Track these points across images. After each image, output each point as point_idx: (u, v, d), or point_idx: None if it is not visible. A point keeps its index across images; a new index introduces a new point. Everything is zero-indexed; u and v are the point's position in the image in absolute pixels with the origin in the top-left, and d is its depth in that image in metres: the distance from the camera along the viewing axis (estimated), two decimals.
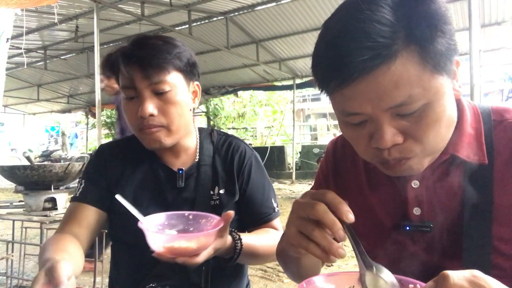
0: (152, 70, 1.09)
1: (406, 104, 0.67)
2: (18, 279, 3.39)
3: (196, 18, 8.13)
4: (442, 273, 0.58)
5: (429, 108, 0.69)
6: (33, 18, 7.80)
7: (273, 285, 3.71)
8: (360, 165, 0.94)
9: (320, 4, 7.57)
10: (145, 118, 1.10)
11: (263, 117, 16.99)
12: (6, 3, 3.04)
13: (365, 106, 0.69)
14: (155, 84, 1.10)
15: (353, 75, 0.66)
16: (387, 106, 0.68)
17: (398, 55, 0.65)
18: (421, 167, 0.76)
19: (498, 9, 7.23)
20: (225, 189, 1.25)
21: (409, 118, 0.69)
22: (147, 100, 1.10)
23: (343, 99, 0.71)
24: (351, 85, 0.68)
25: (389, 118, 0.70)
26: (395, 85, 0.66)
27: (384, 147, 0.71)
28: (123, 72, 1.11)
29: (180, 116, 1.15)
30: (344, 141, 1.01)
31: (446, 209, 0.81)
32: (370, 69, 0.65)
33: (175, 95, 1.13)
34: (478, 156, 0.79)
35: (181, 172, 1.23)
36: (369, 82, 0.66)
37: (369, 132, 0.73)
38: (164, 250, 0.91)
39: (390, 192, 0.88)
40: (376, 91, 0.67)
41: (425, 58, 0.66)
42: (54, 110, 16.69)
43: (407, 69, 0.65)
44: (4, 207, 3.16)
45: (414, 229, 0.83)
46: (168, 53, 1.12)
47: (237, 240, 1.09)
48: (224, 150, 1.31)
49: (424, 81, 0.67)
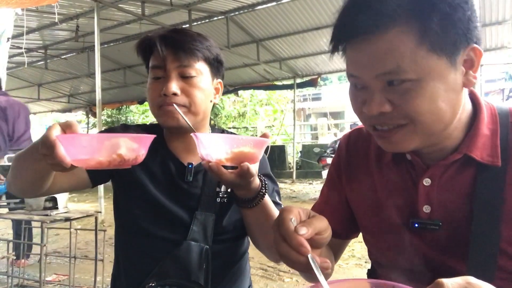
0: (183, 53, 1.16)
1: (394, 73, 0.71)
2: (18, 278, 3.39)
3: (197, 18, 8.14)
4: (437, 280, 0.58)
5: (419, 85, 0.71)
6: (33, 17, 7.80)
7: (273, 285, 3.71)
8: (372, 161, 0.95)
9: (321, 4, 7.58)
10: (168, 95, 1.14)
11: (263, 116, 17.01)
12: (7, 2, 3.04)
13: (361, 70, 0.75)
14: (184, 67, 1.17)
15: (354, 36, 0.73)
16: (377, 72, 0.72)
17: (396, 25, 0.69)
18: (410, 143, 0.77)
19: (499, 8, 7.23)
20: None
21: (399, 90, 0.72)
22: (173, 80, 1.16)
23: (348, 61, 0.78)
24: (354, 46, 0.75)
25: (380, 87, 0.74)
26: (387, 52, 0.70)
27: (370, 113, 0.75)
28: (156, 52, 1.17)
29: (201, 101, 1.19)
30: (357, 137, 1.02)
31: (456, 209, 0.81)
32: (368, 32, 0.71)
33: (199, 82, 1.19)
34: (492, 158, 0.78)
35: (190, 167, 1.24)
36: (366, 46, 0.72)
37: (363, 98, 0.77)
38: (231, 155, 0.89)
39: (400, 189, 0.88)
40: (370, 55, 0.72)
41: (423, 35, 0.69)
42: (54, 110, 16.70)
43: (401, 40, 0.70)
44: (4, 206, 3.16)
45: (422, 227, 0.83)
46: (200, 43, 1.19)
47: (264, 182, 1.09)
48: None
49: (417, 56, 0.70)
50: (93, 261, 2.98)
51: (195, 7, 7.60)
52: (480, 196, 0.78)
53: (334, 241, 1.02)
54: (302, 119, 21.61)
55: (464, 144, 0.80)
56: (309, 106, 22.66)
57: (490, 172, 0.78)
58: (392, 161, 0.90)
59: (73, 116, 17.53)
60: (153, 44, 1.18)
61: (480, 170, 0.79)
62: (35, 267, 3.94)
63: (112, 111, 16.43)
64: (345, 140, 1.05)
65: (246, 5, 7.70)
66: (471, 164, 0.80)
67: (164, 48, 1.16)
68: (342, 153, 1.03)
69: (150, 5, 7.36)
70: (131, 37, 9.10)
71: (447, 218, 0.82)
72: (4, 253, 3.38)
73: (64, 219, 2.76)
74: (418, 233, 0.85)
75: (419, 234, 0.85)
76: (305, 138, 18.32)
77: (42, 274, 2.73)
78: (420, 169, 0.85)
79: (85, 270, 3.90)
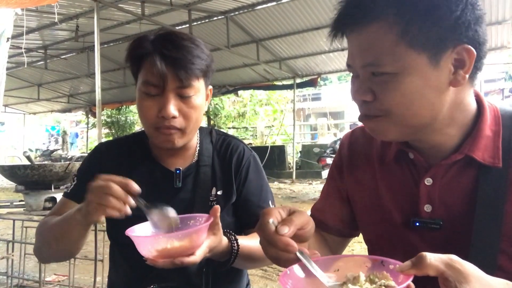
0: (185, 74, 1.09)
1: (374, 65, 0.75)
2: (18, 278, 3.39)
3: (197, 18, 8.14)
4: (420, 253, 0.60)
5: (396, 78, 0.74)
6: (33, 17, 7.80)
7: (273, 285, 3.71)
8: (375, 160, 0.95)
9: (321, 4, 7.57)
10: (168, 119, 1.10)
11: (263, 116, 16.99)
12: (7, 2, 3.04)
13: (352, 59, 0.80)
14: (184, 88, 1.11)
15: (347, 28, 0.79)
16: (361, 63, 0.78)
17: (380, 20, 0.73)
18: (389, 133, 0.81)
19: (499, 8, 7.22)
20: (222, 190, 1.24)
21: (379, 80, 0.76)
22: (172, 101, 1.10)
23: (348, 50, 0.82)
24: (348, 36, 0.80)
25: (366, 76, 0.78)
26: (368, 46, 0.75)
27: (354, 100, 0.81)
28: (154, 69, 1.08)
29: (196, 121, 1.17)
30: (359, 135, 1.02)
31: (457, 208, 0.81)
32: (355, 25, 0.77)
33: (196, 99, 1.14)
34: (493, 159, 0.79)
35: (178, 172, 1.21)
36: (354, 38, 0.78)
37: (355, 86, 0.81)
38: (157, 254, 0.88)
39: (402, 188, 0.89)
40: (357, 47, 0.78)
41: (403, 32, 0.72)
42: (54, 110, 16.70)
43: (381, 35, 0.74)
44: (4, 206, 3.16)
45: (423, 226, 0.84)
46: (198, 58, 1.12)
47: (233, 241, 1.08)
48: (223, 150, 1.30)
49: (396, 51, 0.73)
50: (93, 261, 2.98)
51: (195, 7, 7.59)
52: (481, 197, 0.78)
53: (335, 239, 1.03)
54: (302, 119, 21.61)
55: (466, 144, 0.81)
56: (309, 106, 22.66)
57: (492, 173, 0.79)
58: (394, 160, 0.90)
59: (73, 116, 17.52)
60: (149, 57, 1.10)
61: (481, 171, 0.80)
62: (34, 267, 3.93)
63: (112, 111, 16.41)
64: (347, 138, 1.05)
65: (246, 5, 7.69)
66: (472, 164, 0.81)
67: (162, 68, 1.08)
68: (344, 152, 1.03)
69: (150, 5, 7.35)
70: (131, 37, 9.09)
71: (448, 217, 0.82)
72: (4, 253, 3.37)
73: None
74: (419, 232, 0.85)
75: (420, 233, 0.85)
76: (305, 138, 18.32)
77: (41, 274, 2.73)
78: (422, 169, 0.86)
79: (85, 270, 3.89)
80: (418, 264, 0.60)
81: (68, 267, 3.04)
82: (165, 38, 1.13)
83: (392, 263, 0.67)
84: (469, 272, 0.59)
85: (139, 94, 1.15)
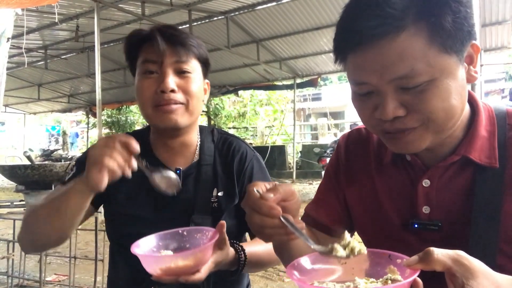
0: (181, 48, 1.14)
1: (409, 77, 0.70)
2: (19, 278, 3.40)
3: (197, 18, 8.14)
4: (427, 248, 0.60)
5: (433, 84, 0.71)
6: (33, 17, 7.80)
7: (273, 285, 3.71)
8: (372, 162, 0.95)
9: (321, 4, 7.58)
10: (166, 92, 1.10)
11: (263, 116, 16.98)
12: (7, 3, 3.04)
13: (371, 76, 0.73)
14: (181, 63, 1.14)
15: (362, 41, 0.71)
16: (390, 78, 0.71)
17: (406, 28, 0.68)
18: (423, 143, 0.76)
19: (499, 8, 7.23)
20: (224, 191, 1.22)
21: (412, 92, 0.72)
22: (170, 75, 1.12)
23: (353, 68, 0.76)
24: (361, 52, 0.72)
25: (392, 91, 0.73)
26: (399, 57, 0.69)
27: (386, 118, 0.74)
28: (152, 46, 1.12)
29: (197, 98, 1.17)
30: (356, 137, 1.01)
31: (455, 209, 0.81)
32: (376, 37, 0.69)
33: (194, 79, 1.16)
34: (490, 159, 0.79)
35: (178, 172, 1.19)
36: (375, 52, 0.71)
37: (374, 103, 0.76)
38: (161, 272, 0.88)
39: (400, 190, 0.88)
40: (381, 61, 0.71)
41: (433, 35, 0.69)
42: (54, 110, 16.71)
43: (412, 43, 0.69)
44: (5, 206, 3.16)
45: (422, 227, 0.84)
46: (195, 41, 1.19)
47: (240, 251, 1.08)
48: (225, 150, 1.28)
49: (430, 57, 0.69)
50: (93, 261, 2.98)
51: (195, 7, 7.59)
52: (478, 197, 0.78)
53: (327, 238, 1.01)
54: (302, 119, 21.60)
55: (462, 145, 0.81)
56: (309, 106, 22.65)
57: (488, 173, 0.79)
58: (392, 162, 0.90)
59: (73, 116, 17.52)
60: (150, 37, 1.14)
61: (478, 171, 0.80)
62: (35, 267, 3.94)
63: (112, 111, 16.40)
64: (344, 140, 1.04)
65: (246, 5, 7.70)
66: (469, 165, 0.81)
67: (160, 42, 1.12)
68: (341, 153, 1.03)
69: (150, 5, 7.35)
70: None
71: (446, 218, 0.82)
72: (4, 253, 3.38)
73: None
74: (417, 234, 0.85)
75: (418, 235, 0.85)
76: (305, 138, 18.31)
77: (42, 274, 2.73)
78: (419, 170, 0.86)
79: (85, 270, 3.90)
80: (425, 259, 0.60)
81: (68, 267, 3.05)
82: (164, 25, 1.20)
83: (399, 257, 0.67)
84: (477, 268, 0.59)
85: (138, 77, 1.17)
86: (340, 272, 0.73)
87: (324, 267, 0.73)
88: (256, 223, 0.73)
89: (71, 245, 3.06)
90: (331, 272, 0.73)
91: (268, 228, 0.73)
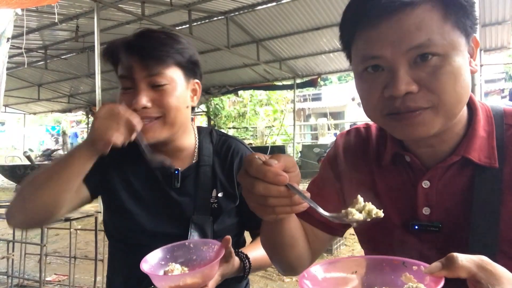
0: (151, 61, 1.07)
1: (425, 46, 0.71)
2: (18, 278, 3.40)
3: (197, 18, 8.14)
4: (450, 254, 0.59)
5: (445, 60, 0.72)
6: (33, 18, 7.80)
7: (273, 285, 3.71)
8: (372, 162, 0.93)
9: (321, 4, 7.58)
10: (138, 110, 1.06)
11: (263, 116, 16.99)
12: (7, 3, 3.04)
13: (386, 48, 0.73)
14: (153, 76, 1.08)
15: (379, 13, 0.71)
16: (406, 48, 0.72)
17: (423, 2, 0.71)
18: (432, 126, 0.75)
19: (499, 8, 7.23)
20: (223, 192, 1.22)
21: (425, 68, 0.72)
22: (142, 91, 1.08)
23: (365, 43, 0.76)
24: (375, 25, 0.73)
25: (406, 66, 0.73)
26: (417, 27, 0.71)
27: (397, 94, 0.72)
28: (122, 61, 1.10)
29: (176, 110, 1.11)
30: (355, 137, 1.00)
31: (455, 210, 0.81)
32: (395, 10, 0.71)
33: (172, 90, 1.10)
34: (489, 159, 0.79)
35: (176, 173, 1.19)
36: (392, 24, 0.72)
37: (384, 81, 0.75)
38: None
39: (400, 191, 0.88)
40: (398, 32, 0.72)
41: (448, 12, 0.72)
42: (54, 110, 16.71)
43: (430, 15, 0.71)
44: (4, 206, 3.16)
45: (422, 229, 0.83)
46: (170, 47, 1.10)
47: (244, 259, 1.09)
48: (224, 152, 1.26)
49: (444, 31, 0.71)
50: (93, 261, 2.98)
51: (195, 7, 7.59)
52: (478, 198, 0.78)
53: (322, 236, 0.99)
54: (302, 119, 21.60)
55: (461, 146, 0.81)
56: (309, 106, 22.65)
57: (488, 173, 0.78)
58: (391, 163, 0.89)
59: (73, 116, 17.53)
60: (118, 52, 1.11)
61: (477, 172, 0.79)
62: (35, 267, 3.94)
63: None
64: (343, 138, 1.02)
65: (246, 5, 7.70)
66: (469, 165, 0.81)
67: (129, 58, 1.08)
68: (339, 151, 1.00)
69: (150, 5, 7.35)
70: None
71: (446, 219, 0.82)
72: (4, 253, 3.38)
73: (64, 219, 2.77)
74: (418, 235, 0.84)
75: (419, 236, 0.84)
76: (305, 138, 18.31)
77: (42, 274, 2.73)
78: (419, 171, 0.85)
79: (85, 270, 3.90)
80: (449, 265, 0.59)
81: (68, 267, 3.05)
82: (137, 34, 1.13)
83: (415, 264, 0.65)
84: (501, 274, 0.58)
85: (119, 90, 1.15)
86: (355, 281, 0.70)
87: (337, 276, 0.70)
88: (259, 192, 0.67)
89: (71, 245, 3.06)
90: (345, 282, 0.70)
91: (273, 197, 0.67)
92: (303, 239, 0.93)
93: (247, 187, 0.69)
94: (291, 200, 0.68)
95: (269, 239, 0.93)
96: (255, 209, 0.71)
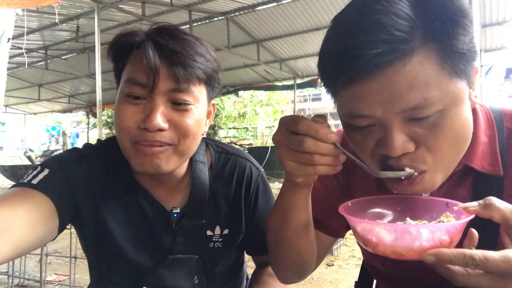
0: (183, 72, 0.84)
1: (421, 108, 0.61)
2: (19, 278, 3.40)
3: (197, 18, 8.14)
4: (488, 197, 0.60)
5: (445, 115, 0.63)
6: (34, 18, 7.80)
7: None
8: None
9: (321, 4, 7.58)
10: (151, 132, 0.83)
11: (263, 117, 17.00)
12: (7, 3, 3.05)
13: (374, 108, 0.63)
14: (179, 92, 0.85)
15: (365, 70, 0.60)
16: (399, 109, 0.62)
17: (415, 52, 0.60)
18: (433, 184, 0.69)
19: (499, 9, 7.23)
20: (229, 229, 1.05)
21: (423, 124, 0.64)
22: (162, 108, 0.84)
23: (350, 99, 0.66)
24: (361, 82, 0.62)
25: (400, 123, 0.64)
26: (410, 86, 0.60)
27: (393, 155, 0.64)
28: (144, 60, 0.82)
29: (193, 137, 0.89)
30: None
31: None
32: (384, 64, 0.60)
33: (194, 111, 0.88)
34: (493, 167, 0.75)
35: (175, 216, 0.98)
36: (381, 81, 0.61)
37: (376, 138, 0.67)
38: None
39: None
40: (389, 91, 0.61)
41: (444, 58, 0.61)
42: (55, 110, 16.72)
43: (424, 69, 0.60)
44: None
45: None
46: (205, 58, 0.88)
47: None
48: (226, 175, 1.06)
49: (442, 84, 0.61)
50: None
51: (195, 7, 7.60)
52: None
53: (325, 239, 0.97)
54: None
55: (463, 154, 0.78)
56: (309, 106, 22.64)
57: (488, 180, 0.76)
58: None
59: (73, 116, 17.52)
60: (139, 48, 0.86)
61: (479, 180, 0.77)
62: (35, 267, 3.94)
63: (112, 111, 16.42)
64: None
65: (247, 5, 7.70)
66: (470, 173, 0.78)
67: (154, 61, 0.82)
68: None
69: (151, 5, 7.36)
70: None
71: None
72: None
73: None
74: None
75: None
76: None
77: (42, 274, 2.73)
78: None
79: (85, 270, 3.89)
80: (485, 205, 0.60)
81: (68, 267, 3.05)
82: (162, 28, 0.89)
83: (457, 205, 0.67)
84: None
85: (119, 97, 0.89)
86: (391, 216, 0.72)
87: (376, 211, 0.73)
88: (308, 149, 0.64)
89: (72, 245, 3.06)
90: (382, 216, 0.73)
91: (319, 155, 0.65)
92: (313, 229, 0.88)
93: (291, 145, 0.67)
94: (335, 160, 0.67)
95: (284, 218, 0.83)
96: (293, 167, 0.69)
